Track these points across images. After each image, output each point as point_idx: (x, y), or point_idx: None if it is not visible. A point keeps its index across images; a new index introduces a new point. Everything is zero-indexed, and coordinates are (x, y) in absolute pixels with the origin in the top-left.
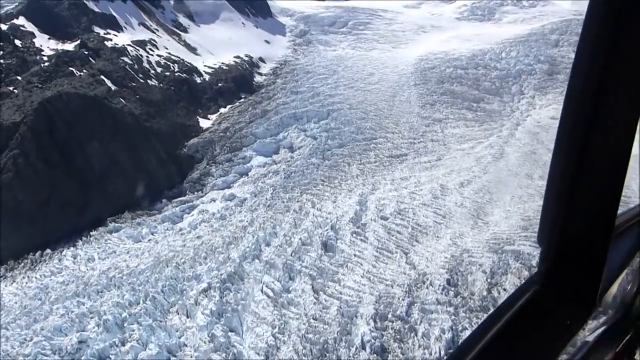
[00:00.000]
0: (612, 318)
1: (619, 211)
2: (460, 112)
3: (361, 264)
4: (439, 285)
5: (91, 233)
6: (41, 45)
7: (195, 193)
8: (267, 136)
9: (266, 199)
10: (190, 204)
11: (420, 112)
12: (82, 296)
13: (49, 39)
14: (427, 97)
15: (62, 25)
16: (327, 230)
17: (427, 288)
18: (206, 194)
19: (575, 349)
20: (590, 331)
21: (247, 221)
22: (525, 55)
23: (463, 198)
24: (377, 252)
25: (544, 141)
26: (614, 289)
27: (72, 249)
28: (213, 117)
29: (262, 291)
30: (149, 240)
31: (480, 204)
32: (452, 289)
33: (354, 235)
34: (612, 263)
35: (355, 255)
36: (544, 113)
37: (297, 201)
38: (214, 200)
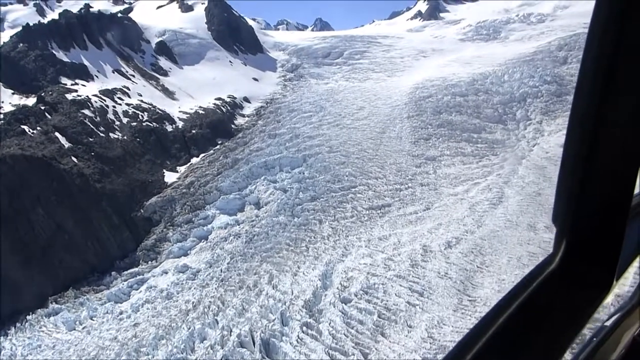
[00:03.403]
0: (629, 300)
1: (635, 191)
2: (458, 146)
3: None
4: None
5: (28, 317)
6: (2, 102)
7: (149, 263)
8: (233, 191)
9: (221, 270)
10: (141, 277)
11: (411, 150)
12: None
13: (13, 94)
14: (421, 131)
15: (27, 79)
16: (274, 322)
17: None
18: (160, 263)
19: (593, 331)
20: (608, 313)
21: (192, 302)
22: (530, 77)
23: (448, 264)
24: (329, 354)
25: (552, 177)
26: (631, 270)
27: (1, 339)
28: (182, 168)
29: None
30: (83, 327)
31: (468, 272)
32: None
33: (305, 328)
34: (628, 244)
35: None
36: (553, 140)
37: (255, 273)
38: (166, 273)
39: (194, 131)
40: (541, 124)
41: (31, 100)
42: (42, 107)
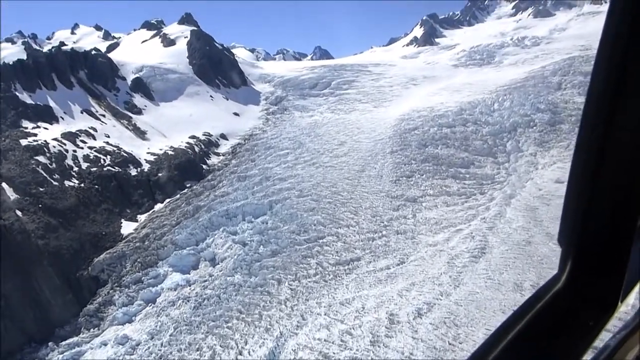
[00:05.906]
0: (632, 319)
1: None
2: (443, 184)
3: None
4: None
5: None
6: None
7: (91, 330)
8: (189, 244)
9: (162, 344)
10: (78, 349)
11: (391, 190)
12: None
13: None
14: (404, 167)
15: None
16: None
17: None
18: (103, 331)
19: (598, 350)
20: (613, 332)
21: None
22: (520, 105)
23: (415, 341)
24: None
25: (544, 220)
26: (637, 288)
27: None
28: (143, 217)
29: None
30: None
31: (438, 351)
32: None
33: None
34: (634, 262)
35: None
36: (548, 174)
37: (197, 349)
38: (105, 345)
39: (160, 174)
40: (535, 156)
41: None
42: None
